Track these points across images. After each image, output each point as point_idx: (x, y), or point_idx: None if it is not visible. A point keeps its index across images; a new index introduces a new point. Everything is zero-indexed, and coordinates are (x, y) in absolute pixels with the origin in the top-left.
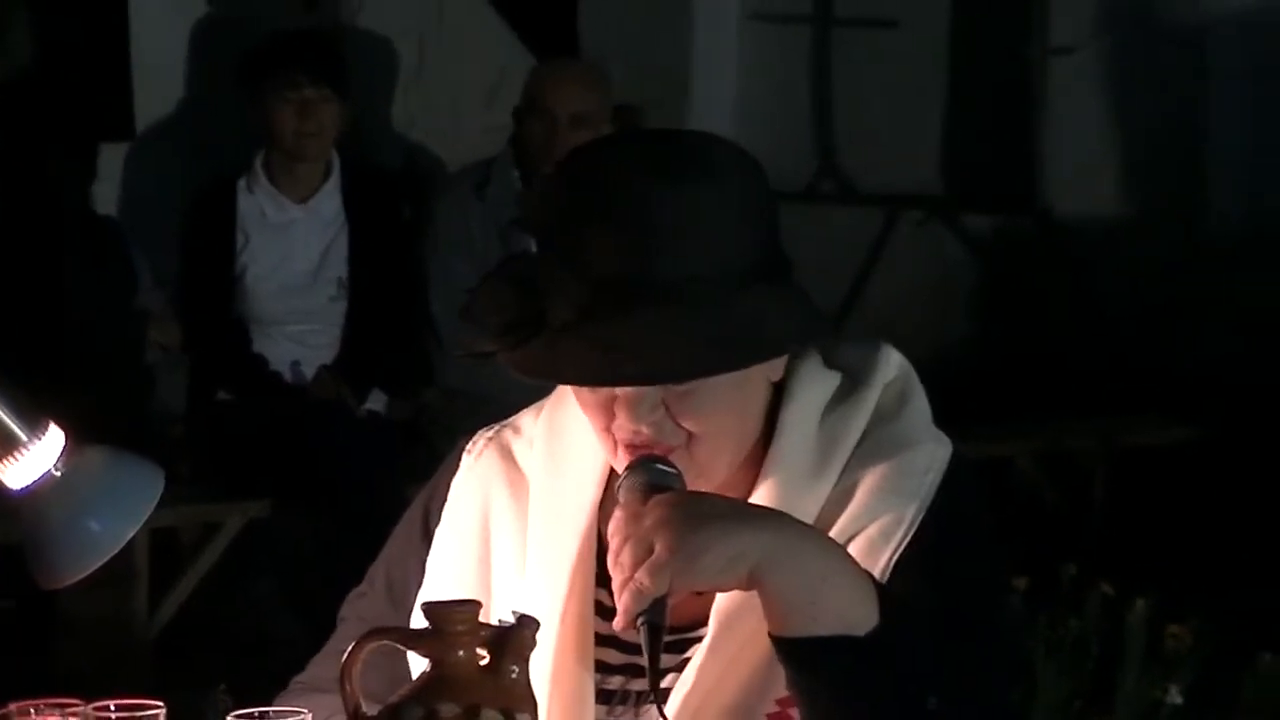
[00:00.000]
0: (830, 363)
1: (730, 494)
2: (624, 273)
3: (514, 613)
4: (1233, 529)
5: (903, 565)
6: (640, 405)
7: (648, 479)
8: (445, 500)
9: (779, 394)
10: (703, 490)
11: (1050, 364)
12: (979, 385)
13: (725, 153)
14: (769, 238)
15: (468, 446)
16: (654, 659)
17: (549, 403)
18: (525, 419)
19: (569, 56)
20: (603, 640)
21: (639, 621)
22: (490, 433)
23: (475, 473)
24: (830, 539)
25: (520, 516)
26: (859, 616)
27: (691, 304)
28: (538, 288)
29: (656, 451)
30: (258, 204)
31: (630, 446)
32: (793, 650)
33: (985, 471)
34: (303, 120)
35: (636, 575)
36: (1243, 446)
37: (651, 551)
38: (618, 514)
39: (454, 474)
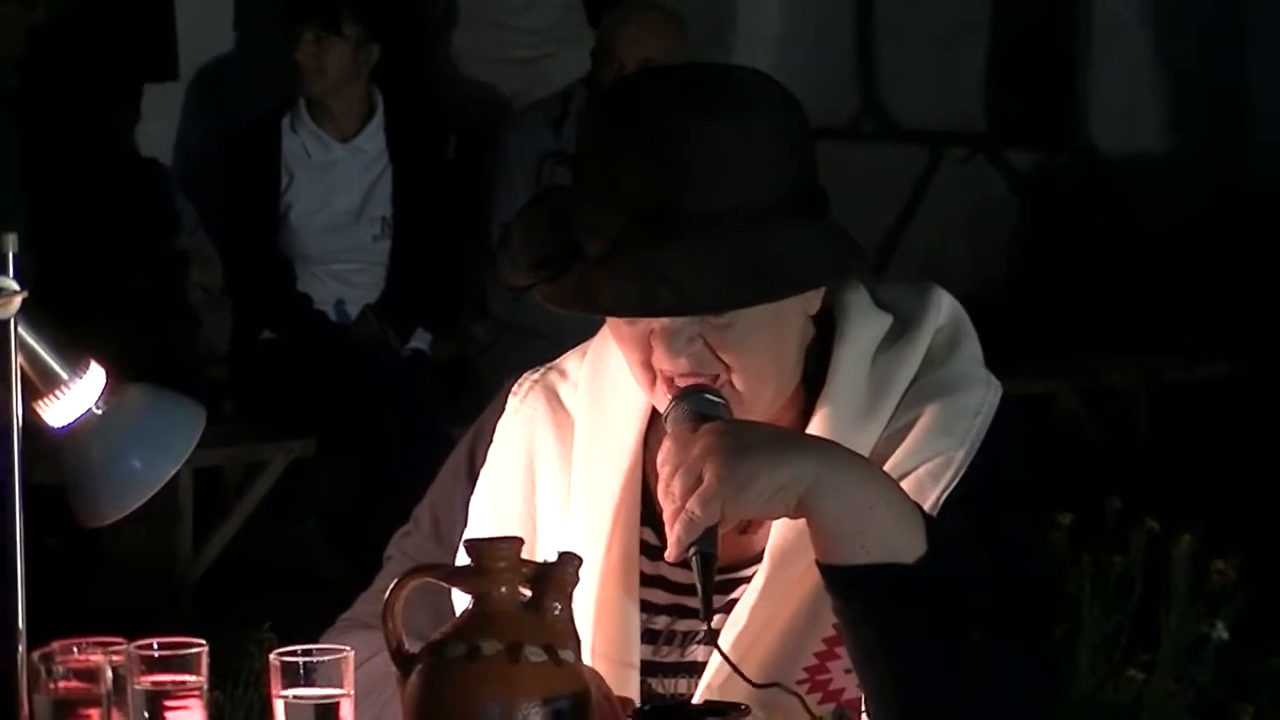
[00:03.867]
0: (881, 303)
1: None
2: (659, 204)
3: (558, 553)
4: (1277, 464)
5: (950, 505)
6: (677, 338)
7: (695, 408)
8: (491, 441)
9: (830, 333)
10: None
11: (1092, 300)
12: (1022, 321)
13: (761, 86)
14: (805, 172)
15: (513, 389)
16: (707, 588)
17: (593, 344)
18: (570, 361)
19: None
20: (648, 580)
21: (691, 551)
22: (536, 375)
23: (521, 415)
24: (878, 468)
25: (565, 458)
26: (906, 545)
27: (726, 236)
28: (573, 220)
29: (700, 382)
30: (301, 143)
31: (670, 380)
32: (840, 578)
33: (1028, 408)
34: (304, 59)
35: (688, 505)
36: None
37: (701, 481)
38: (666, 444)
39: (499, 415)
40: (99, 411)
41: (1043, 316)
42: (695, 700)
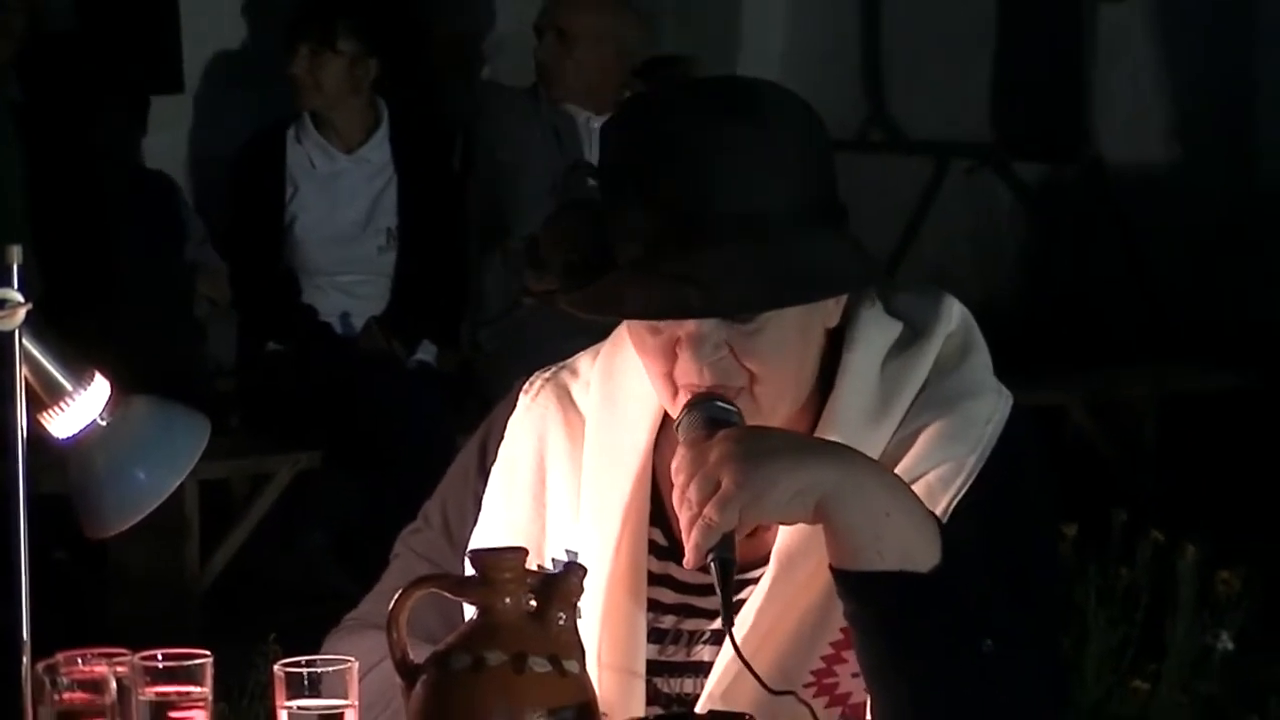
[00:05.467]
0: (891, 310)
1: None
2: (688, 209)
3: (567, 551)
4: None
5: (960, 513)
6: (704, 344)
7: (708, 415)
8: (502, 438)
9: (839, 340)
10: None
11: (1100, 311)
12: (1029, 333)
13: (784, 97)
14: (827, 182)
15: (524, 387)
16: (727, 594)
17: (605, 346)
18: (582, 361)
19: None
20: (656, 579)
21: (709, 557)
22: (547, 373)
23: (532, 413)
24: (895, 475)
25: (575, 457)
26: (922, 553)
27: (756, 240)
28: (603, 228)
29: (717, 393)
30: (305, 154)
31: (691, 390)
32: (854, 584)
33: (1036, 420)
34: (299, 73)
35: (705, 511)
36: None
37: (718, 487)
38: (681, 451)
39: (510, 413)
40: (104, 423)
41: (1050, 328)
42: (700, 705)
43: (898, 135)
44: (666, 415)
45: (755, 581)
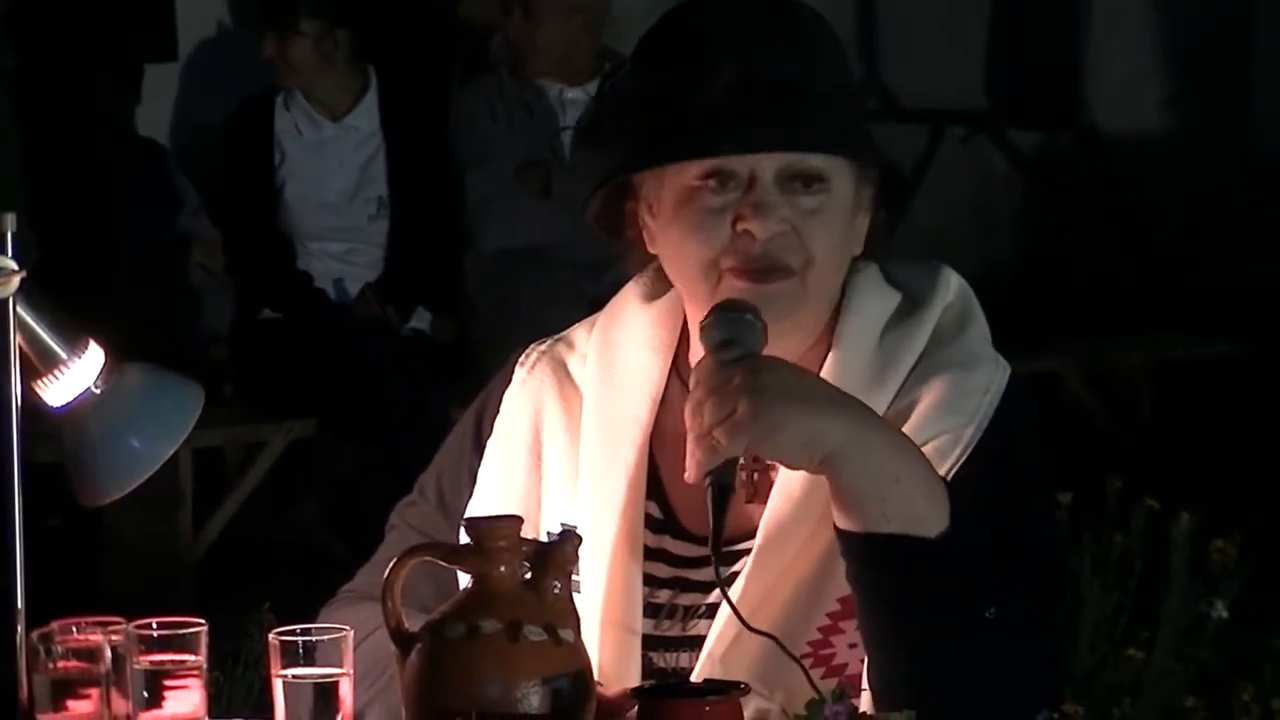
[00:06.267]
0: (889, 281)
1: None
2: (762, 75)
3: (563, 524)
4: (1277, 443)
5: (958, 483)
6: (772, 214)
7: (730, 317)
8: (497, 411)
9: (837, 307)
10: (784, 359)
11: (1095, 279)
12: (1024, 301)
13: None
14: (854, 80)
15: (520, 359)
16: (719, 522)
17: (601, 318)
18: (578, 333)
19: None
20: (651, 553)
21: (707, 480)
22: (543, 346)
23: (528, 386)
24: (908, 438)
25: (572, 430)
26: (929, 518)
27: (819, 104)
28: (670, 93)
29: (774, 274)
30: (293, 120)
31: (744, 271)
32: (860, 545)
33: (1031, 386)
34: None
35: (714, 431)
36: None
37: (734, 411)
38: (706, 361)
39: (506, 387)
40: (98, 391)
41: (1045, 296)
42: (696, 672)
43: (892, 103)
44: (665, 388)
45: (749, 553)
